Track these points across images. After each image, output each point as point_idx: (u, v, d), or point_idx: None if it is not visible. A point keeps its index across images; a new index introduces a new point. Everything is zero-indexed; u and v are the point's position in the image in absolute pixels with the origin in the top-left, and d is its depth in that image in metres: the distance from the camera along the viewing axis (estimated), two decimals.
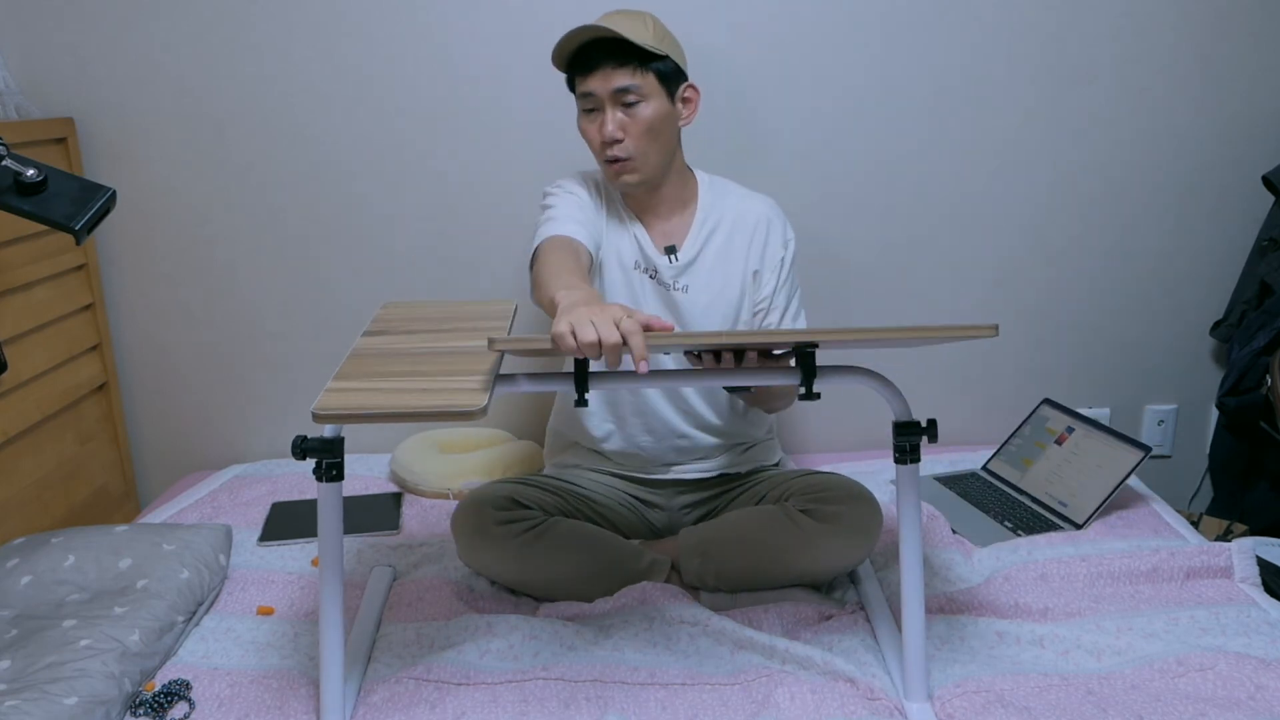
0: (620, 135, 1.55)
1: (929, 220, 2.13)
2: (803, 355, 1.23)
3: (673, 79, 1.58)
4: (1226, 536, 1.92)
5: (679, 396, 1.71)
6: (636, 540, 1.74)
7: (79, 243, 1.34)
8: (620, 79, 1.53)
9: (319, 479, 1.25)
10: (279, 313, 2.16)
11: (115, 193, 1.37)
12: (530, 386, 1.24)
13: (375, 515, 1.94)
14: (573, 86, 1.61)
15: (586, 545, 1.60)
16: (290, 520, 1.92)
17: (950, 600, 1.58)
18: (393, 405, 1.10)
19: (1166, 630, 1.48)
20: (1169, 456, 2.32)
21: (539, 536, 1.58)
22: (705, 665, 1.43)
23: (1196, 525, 1.94)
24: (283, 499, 2.02)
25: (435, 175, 2.07)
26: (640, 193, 1.64)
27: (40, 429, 1.91)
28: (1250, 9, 2.02)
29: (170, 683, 1.40)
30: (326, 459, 1.24)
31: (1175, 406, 2.29)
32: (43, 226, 1.55)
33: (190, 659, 1.48)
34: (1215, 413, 2.25)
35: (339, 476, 1.26)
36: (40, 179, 1.32)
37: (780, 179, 2.03)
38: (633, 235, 1.67)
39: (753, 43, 2.00)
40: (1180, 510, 1.98)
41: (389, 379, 1.19)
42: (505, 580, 1.63)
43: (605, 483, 1.76)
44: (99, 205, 1.35)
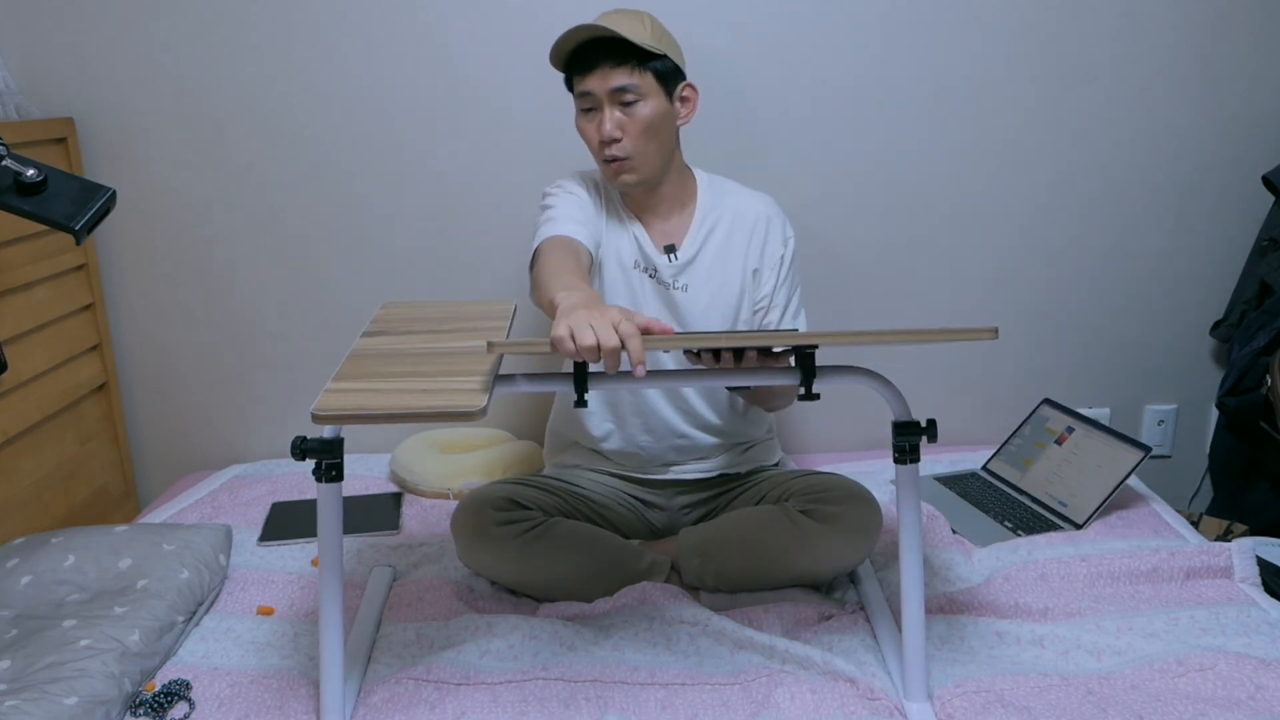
0: (618, 135, 1.55)
1: (929, 220, 2.13)
2: (802, 355, 1.23)
3: (671, 78, 1.58)
4: (1226, 536, 1.92)
5: (679, 396, 1.71)
6: (636, 540, 1.74)
7: (79, 243, 1.34)
8: (618, 78, 1.53)
9: (318, 479, 1.25)
10: (279, 313, 2.16)
11: (115, 193, 1.37)
12: (529, 387, 1.24)
13: (375, 515, 1.94)
14: (570, 86, 1.61)
15: (586, 545, 1.60)
16: (290, 520, 1.92)
17: (950, 600, 1.58)
18: (392, 406, 1.10)
19: (1166, 630, 1.48)
20: (1169, 456, 2.32)
21: (539, 537, 1.58)
22: (705, 665, 1.43)
23: (1196, 525, 1.94)
24: (283, 499, 2.02)
25: (435, 175, 2.07)
26: (639, 192, 1.64)
27: (40, 429, 1.91)
28: (1250, 9, 2.02)
29: (170, 683, 1.40)
30: (326, 459, 1.24)
31: (1175, 406, 2.29)
32: (43, 226, 1.55)
33: (190, 659, 1.48)
34: (1215, 413, 2.25)
35: (339, 477, 1.26)
36: (40, 179, 1.32)
37: (780, 179, 2.03)
38: (632, 235, 1.67)
39: (753, 43, 2.00)
40: (1180, 510, 1.98)
41: (388, 379, 1.19)
42: (505, 581, 1.63)
43: (605, 483, 1.76)
44: (99, 205, 1.35)
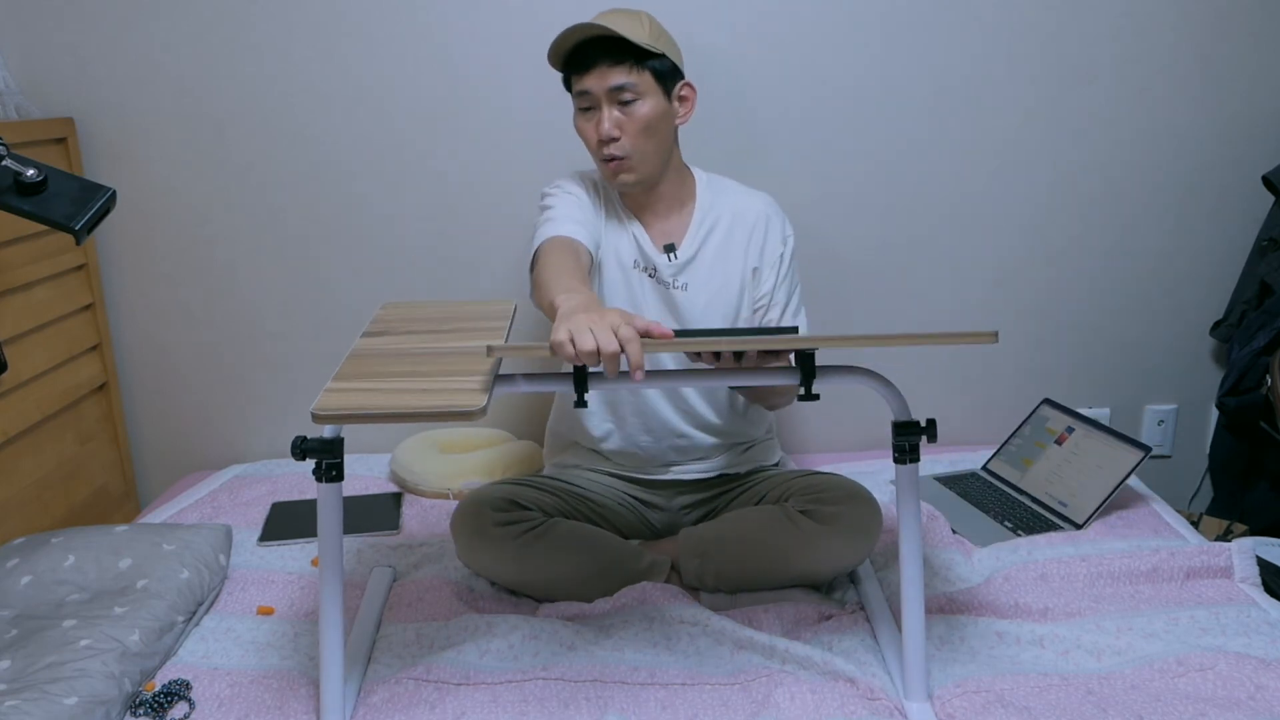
0: (617, 134, 1.55)
1: (929, 220, 2.13)
2: (802, 355, 1.23)
3: (669, 77, 1.58)
4: (1226, 536, 1.92)
5: (678, 396, 1.71)
6: (636, 541, 1.74)
7: (79, 243, 1.34)
8: (616, 77, 1.53)
9: (319, 479, 1.25)
10: (279, 313, 2.16)
11: (115, 193, 1.37)
12: (529, 387, 1.24)
13: (375, 515, 1.94)
14: (569, 85, 1.61)
15: (586, 546, 1.60)
16: (290, 520, 1.92)
17: (950, 600, 1.58)
18: (392, 405, 1.10)
19: (1166, 630, 1.48)
20: (1169, 456, 2.32)
21: (538, 537, 1.58)
22: (705, 665, 1.43)
23: (1196, 525, 1.94)
24: (283, 499, 2.02)
25: (435, 175, 2.07)
26: (638, 191, 1.64)
27: (40, 429, 1.91)
28: (1250, 9, 2.02)
29: (170, 683, 1.40)
30: (326, 459, 1.24)
31: (1175, 406, 2.29)
32: (43, 226, 1.55)
33: (190, 659, 1.48)
34: (1215, 413, 2.25)
35: (339, 477, 1.26)
36: (40, 179, 1.32)
37: (780, 179, 2.03)
38: (631, 234, 1.67)
39: (753, 43, 2.00)
40: (1180, 510, 1.97)
41: (389, 379, 1.19)
42: (505, 581, 1.63)
43: (605, 483, 1.76)
44: (99, 205, 1.35)
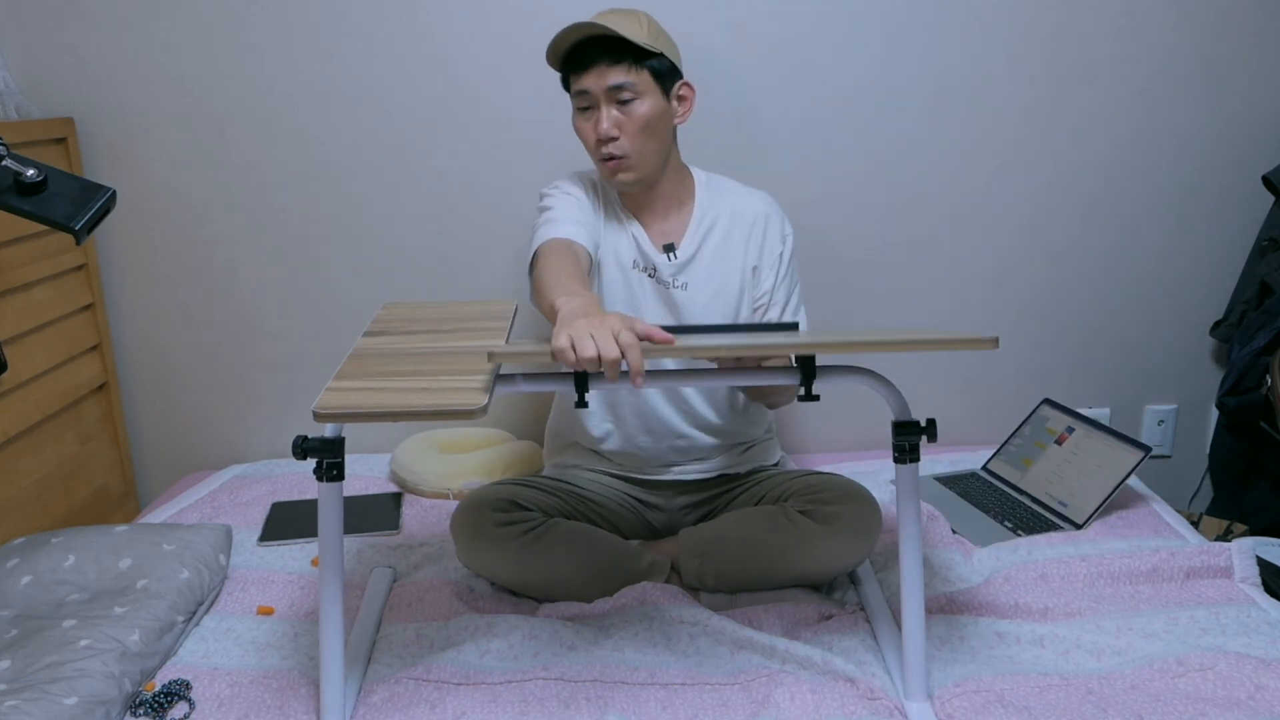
0: (615, 133, 1.55)
1: (929, 220, 2.13)
2: (802, 356, 1.23)
3: (668, 77, 1.58)
4: (1226, 536, 1.92)
5: (678, 396, 1.71)
6: (636, 541, 1.75)
7: (79, 243, 1.34)
8: (615, 76, 1.53)
9: (319, 479, 1.25)
10: (279, 313, 2.16)
11: (115, 193, 1.37)
12: (529, 386, 1.24)
13: (375, 515, 1.94)
14: (567, 85, 1.61)
15: (586, 546, 1.60)
16: (290, 520, 1.92)
17: (950, 600, 1.58)
18: (394, 404, 1.10)
19: (1166, 630, 1.48)
20: (1169, 456, 2.32)
21: (538, 538, 1.58)
22: (705, 665, 1.43)
23: (1196, 525, 1.94)
24: (283, 499, 2.02)
25: (435, 175, 2.07)
26: (636, 191, 1.64)
27: (40, 429, 1.91)
28: (1250, 9, 2.02)
29: (170, 683, 1.40)
30: (327, 459, 1.24)
31: (1175, 406, 2.29)
32: (43, 226, 1.55)
33: (190, 659, 1.48)
34: (1215, 413, 2.25)
35: (340, 476, 1.26)
36: (40, 179, 1.32)
37: (780, 179, 2.03)
38: (631, 234, 1.67)
39: (753, 43, 2.00)
40: (1180, 510, 1.98)
41: (390, 378, 1.19)
42: (505, 581, 1.63)
43: (604, 483, 1.76)
44: (99, 205, 1.35)
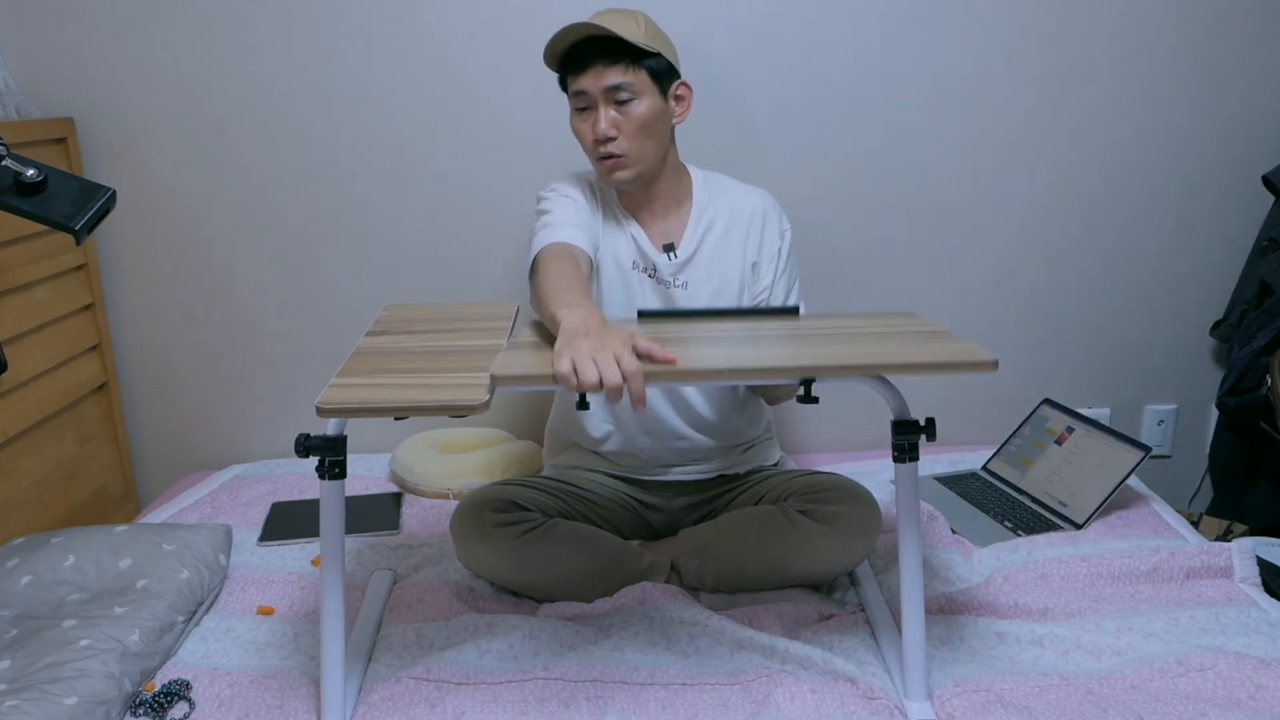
0: (614, 133, 1.55)
1: (929, 220, 2.13)
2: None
3: (665, 76, 1.58)
4: (1226, 536, 1.92)
5: (678, 396, 1.71)
6: (636, 541, 1.75)
7: (79, 243, 1.34)
8: (613, 76, 1.53)
9: (321, 476, 1.25)
10: (279, 313, 2.16)
11: (115, 193, 1.37)
12: (530, 386, 1.24)
13: (375, 515, 1.94)
14: (564, 85, 1.61)
15: (586, 546, 1.60)
16: (290, 520, 1.92)
17: (950, 600, 1.58)
18: (396, 400, 1.11)
19: (1166, 630, 1.48)
20: (1169, 456, 2.32)
21: (538, 538, 1.58)
22: (705, 665, 1.43)
23: (1196, 525, 1.94)
24: (283, 499, 2.02)
25: (435, 175, 2.07)
26: (634, 189, 1.64)
27: (40, 429, 1.91)
28: (1250, 9, 2.02)
29: (170, 683, 1.40)
30: (329, 456, 1.24)
31: (1175, 406, 2.29)
32: (43, 226, 1.55)
33: (190, 659, 1.48)
34: (1215, 413, 2.25)
35: (342, 474, 1.26)
36: (40, 179, 1.32)
37: (780, 179, 2.03)
38: (630, 235, 1.67)
39: (753, 43, 2.00)
40: (1180, 510, 1.98)
41: (392, 375, 1.19)
42: (505, 581, 1.63)
43: (604, 483, 1.76)
44: (99, 205, 1.35)
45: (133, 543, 1.63)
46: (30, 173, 1.31)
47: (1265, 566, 1.66)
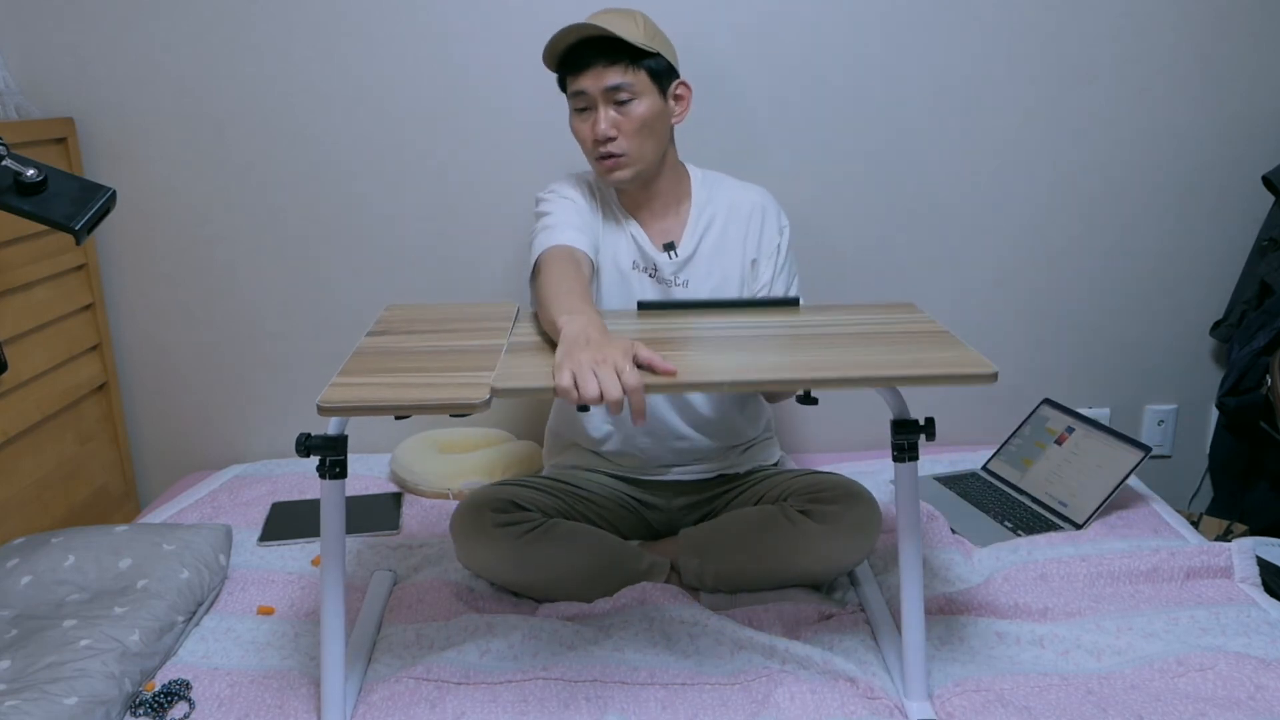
0: (614, 133, 1.55)
1: (929, 220, 2.13)
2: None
3: (665, 76, 1.58)
4: (1226, 536, 1.92)
5: (679, 396, 1.71)
6: (635, 541, 1.75)
7: (79, 243, 1.34)
8: (612, 77, 1.53)
9: (322, 476, 1.25)
10: (279, 313, 2.16)
11: (115, 193, 1.37)
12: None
13: (375, 515, 1.94)
14: (564, 86, 1.61)
15: (586, 546, 1.60)
16: (290, 520, 1.92)
17: (950, 600, 1.58)
18: (397, 399, 1.11)
19: (1166, 630, 1.48)
20: (1169, 456, 2.32)
21: (538, 538, 1.58)
22: (705, 665, 1.43)
23: (1196, 525, 1.94)
24: (283, 499, 2.02)
25: (435, 175, 2.07)
26: (634, 189, 1.64)
27: (40, 429, 1.91)
28: (1250, 9, 2.02)
29: (170, 683, 1.40)
30: (330, 456, 1.24)
31: (1175, 406, 2.29)
32: (43, 226, 1.55)
33: (190, 659, 1.48)
34: (1215, 413, 2.25)
35: (342, 474, 1.26)
36: (40, 179, 1.32)
37: (780, 179, 2.03)
38: (630, 235, 1.67)
39: (753, 43, 2.00)
40: (1180, 510, 1.98)
41: (393, 374, 1.20)
42: (505, 582, 1.62)
43: (604, 483, 1.76)
44: (99, 205, 1.35)
45: (133, 543, 1.63)
46: (30, 173, 1.31)
47: (1265, 566, 1.66)
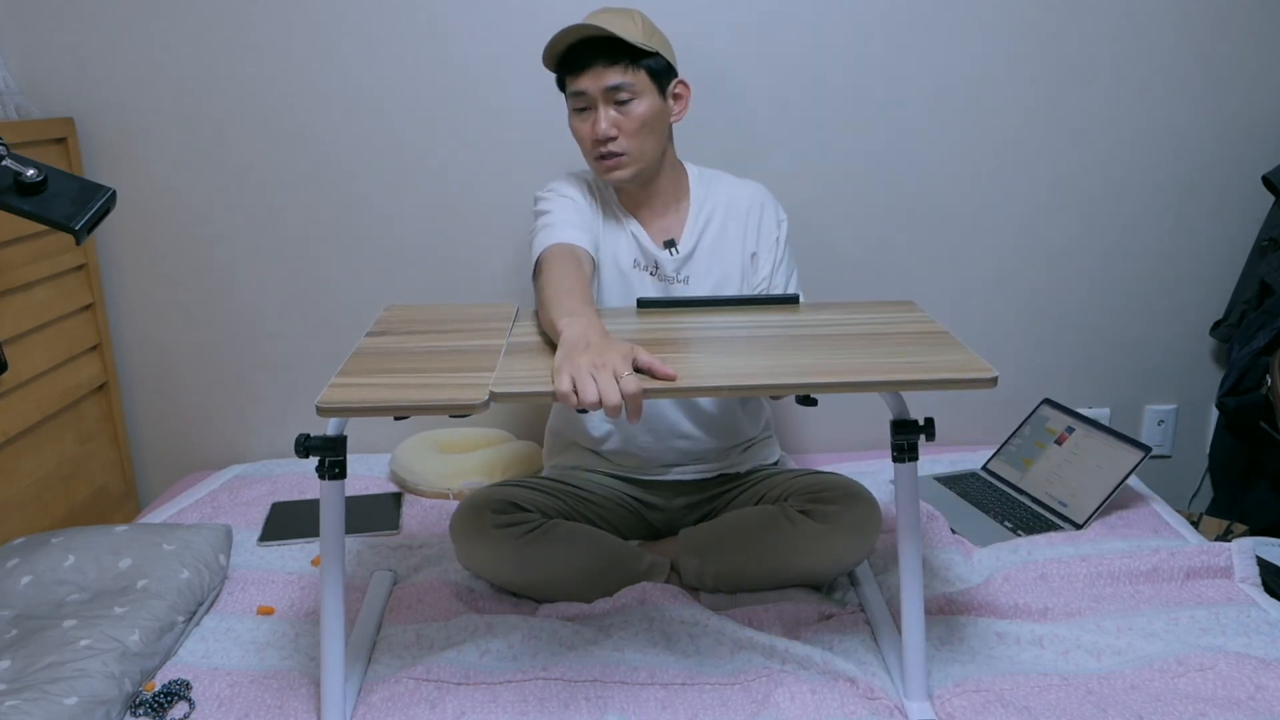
0: (614, 133, 1.55)
1: (928, 220, 2.13)
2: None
3: (664, 75, 1.58)
4: (1226, 536, 1.92)
5: None
6: (635, 541, 1.75)
7: (79, 243, 1.34)
8: (612, 77, 1.53)
9: (321, 476, 1.25)
10: (279, 313, 2.16)
11: (115, 193, 1.37)
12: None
13: (375, 515, 1.94)
14: (563, 86, 1.61)
15: (586, 547, 1.60)
16: (290, 520, 1.92)
17: (950, 600, 1.58)
18: (396, 399, 1.11)
19: (1166, 630, 1.48)
20: (1169, 456, 2.32)
21: (538, 539, 1.58)
22: (705, 665, 1.43)
23: (1196, 525, 1.94)
24: (283, 499, 2.02)
25: (435, 175, 2.07)
26: (633, 188, 1.64)
27: (40, 429, 1.91)
28: (1250, 9, 2.02)
29: (170, 683, 1.40)
30: (329, 456, 1.24)
31: (1175, 406, 2.29)
32: (43, 226, 1.55)
33: (190, 659, 1.48)
34: (1215, 413, 2.25)
35: (342, 474, 1.26)
36: (40, 179, 1.32)
37: (780, 179, 2.03)
38: (630, 234, 1.67)
39: (752, 43, 2.00)
40: (1180, 510, 1.98)
41: (393, 375, 1.20)
42: (504, 582, 1.62)
43: (604, 484, 1.76)
44: (99, 205, 1.35)
45: (133, 543, 1.63)
46: (30, 173, 1.31)
47: (1265, 566, 1.66)
